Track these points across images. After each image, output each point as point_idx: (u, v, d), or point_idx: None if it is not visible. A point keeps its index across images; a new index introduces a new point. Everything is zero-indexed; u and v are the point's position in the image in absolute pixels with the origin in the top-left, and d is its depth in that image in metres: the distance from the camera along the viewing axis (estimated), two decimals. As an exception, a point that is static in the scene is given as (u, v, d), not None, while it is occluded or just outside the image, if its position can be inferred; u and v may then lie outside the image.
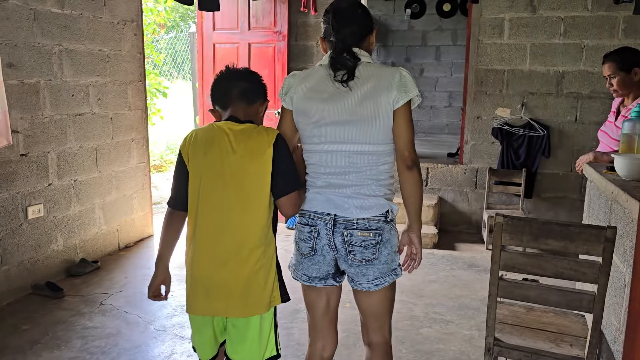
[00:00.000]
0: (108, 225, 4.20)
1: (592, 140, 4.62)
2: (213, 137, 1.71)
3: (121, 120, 4.29)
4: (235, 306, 1.71)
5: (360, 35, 1.75)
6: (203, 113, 5.62)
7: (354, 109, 1.70)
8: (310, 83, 1.76)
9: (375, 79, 1.70)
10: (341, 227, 1.73)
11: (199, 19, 5.45)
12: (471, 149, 4.94)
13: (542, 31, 4.60)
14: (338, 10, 1.74)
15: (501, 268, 1.95)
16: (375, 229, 1.72)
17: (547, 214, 4.81)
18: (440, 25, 8.05)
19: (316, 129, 1.75)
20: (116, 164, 4.26)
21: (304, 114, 1.76)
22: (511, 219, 1.88)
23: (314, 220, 1.76)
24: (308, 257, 1.79)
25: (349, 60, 1.70)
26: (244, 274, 1.70)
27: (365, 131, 1.70)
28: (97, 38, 3.96)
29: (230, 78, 1.81)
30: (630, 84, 2.80)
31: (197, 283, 1.74)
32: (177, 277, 3.82)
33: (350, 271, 1.78)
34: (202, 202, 1.70)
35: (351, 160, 1.73)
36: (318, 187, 1.78)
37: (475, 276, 3.92)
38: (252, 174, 1.68)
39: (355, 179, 1.73)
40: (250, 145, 1.69)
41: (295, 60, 5.23)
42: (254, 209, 1.70)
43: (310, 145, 1.79)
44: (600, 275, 1.80)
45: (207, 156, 1.70)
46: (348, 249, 1.74)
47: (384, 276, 1.76)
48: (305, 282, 1.84)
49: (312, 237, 1.76)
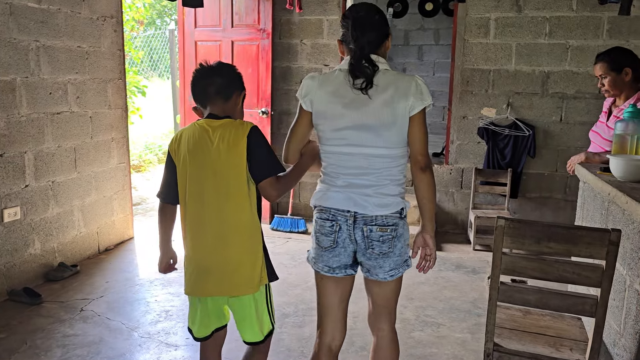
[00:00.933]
0: (87, 227, 4.06)
1: (576, 141, 4.65)
2: (195, 135, 1.87)
3: (101, 119, 4.15)
4: (226, 286, 1.88)
5: (377, 42, 1.85)
6: (184, 112, 5.49)
7: (373, 115, 1.81)
8: (331, 87, 1.85)
9: (393, 87, 1.80)
10: (361, 223, 1.86)
11: (180, 16, 5.33)
12: (457, 148, 4.93)
13: (528, 31, 4.61)
14: (357, 18, 1.82)
15: (502, 272, 1.90)
16: (392, 225, 1.86)
17: (533, 214, 4.82)
18: (423, 24, 8.04)
19: (336, 132, 1.85)
20: (96, 165, 4.12)
21: (324, 117, 1.86)
22: (513, 222, 1.83)
23: (335, 216, 1.88)
24: (329, 250, 1.92)
25: (367, 69, 1.79)
26: (232, 257, 1.87)
27: (383, 136, 1.82)
28: (76, 34, 3.82)
29: (205, 76, 1.92)
30: (621, 84, 2.80)
31: (193, 268, 1.91)
32: (160, 280, 3.73)
33: (368, 263, 1.91)
34: (189, 193, 1.88)
35: (370, 162, 1.85)
36: (338, 187, 1.89)
37: (463, 277, 3.89)
38: (230, 164, 1.83)
39: (375, 179, 1.86)
40: (227, 138, 1.83)
41: (280, 59, 5.15)
42: (235, 196, 1.85)
43: (330, 146, 1.89)
44: (603, 279, 1.77)
45: (191, 152, 1.86)
46: (367, 243, 1.87)
47: (398, 267, 1.92)
48: (327, 273, 1.95)
49: (334, 231, 1.89)
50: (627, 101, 2.77)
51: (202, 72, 1.92)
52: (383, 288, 1.97)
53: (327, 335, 2.01)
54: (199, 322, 1.97)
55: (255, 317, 1.93)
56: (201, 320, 1.97)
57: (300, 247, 4.47)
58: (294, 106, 5.18)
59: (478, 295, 3.56)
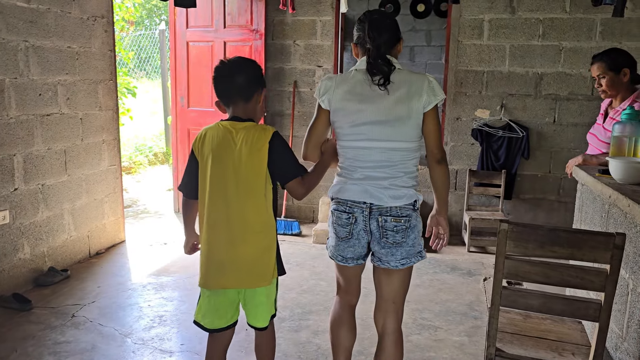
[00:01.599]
0: (78, 231, 3.99)
1: (570, 142, 4.66)
2: (219, 135, 1.95)
3: (91, 121, 4.08)
4: (244, 280, 1.98)
5: (391, 43, 1.98)
6: (176, 113, 5.42)
7: (389, 111, 1.92)
8: (348, 86, 1.97)
9: (407, 84, 1.93)
10: (376, 214, 1.96)
11: (172, 16, 5.27)
12: (451, 150, 4.91)
13: (521, 32, 4.61)
14: (373, 20, 1.96)
15: (505, 276, 1.88)
16: (405, 216, 1.96)
17: (527, 215, 4.82)
18: (415, 25, 8.02)
19: (354, 128, 1.96)
20: (86, 167, 4.05)
21: (342, 114, 1.98)
22: (516, 226, 1.81)
23: (352, 208, 1.98)
24: (345, 240, 2.02)
25: (384, 66, 1.92)
26: (249, 253, 1.96)
27: (399, 130, 1.93)
28: (66, 34, 3.75)
29: (225, 74, 1.97)
30: (619, 85, 2.79)
31: (210, 262, 1.98)
32: (153, 285, 3.67)
33: (381, 252, 2.00)
34: (210, 191, 1.95)
35: (387, 155, 1.95)
36: (355, 179, 1.99)
37: (459, 279, 3.87)
38: (251, 166, 1.92)
39: (391, 172, 1.96)
40: (250, 142, 1.91)
41: (273, 60, 5.11)
42: (254, 196, 1.94)
43: (348, 142, 1.99)
44: (607, 283, 1.75)
45: (214, 152, 1.94)
46: (382, 233, 1.97)
47: (410, 257, 2.00)
48: (340, 262, 2.08)
49: (350, 223, 1.99)
50: (624, 102, 2.77)
51: (222, 71, 1.98)
52: (392, 278, 2.03)
53: (345, 298, 2.18)
54: (212, 314, 2.05)
55: (266, 307, 2.05)
56: (214, 311, 2.04)
57: (294, 249, 4.43)
58: (287, 107, 5.14)
59: (474, 298, 3.54)
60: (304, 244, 4.56)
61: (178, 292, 3.55)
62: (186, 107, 5.35)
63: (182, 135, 5.42)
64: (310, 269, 3.99)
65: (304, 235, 4.81)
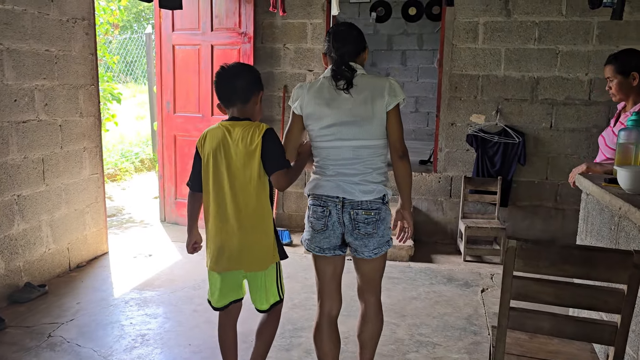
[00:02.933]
0: (57, 244, 3.80)
1: (567, 148, 4.55)
2: (219, 134, 2.16)
3: (71, 128, 3.90)
4: (242, 263, 2.20)
5: (355, 52, 2.17)
6: (162, 119, 5.25)
7: (354, 112, 2.10)
8: (316, 92, 2.15)
9: (370, 86, 2.11)
10: (349, 207, 2.13)
11: (157, 19, 5.10)
12: (445, 156, 4.78)
13: (517, 36, 4.50)
14: (337, 32, 2.18)
15: (513, 297, 1.74)
16: (375, 209, 2.14)
17: (523, 223, 4.70)
18: (406, 29, 7.93)
19: (324, 129, 2.14)
20: (66, 176, 3.86)
21: (312, 118, 2.15)
22: (526, 243, 1.66)
23: (326, 202, 2.16)
24: (320, 232, 2.18)
25: (347, 72, 2.11)
26: (248, 240, 2.17)
27: (365, 129, 2.11)
28: (44, 37, 3.57)
29: (225, 79, 2.17)
30: (628, 89, 2.67)
31: (214, 247, 2.21)
32: (136, 300, 3.48)
33: (355, 243, 2.19)
34: (212, 184, 2.17)
35: (356, 153, 2.13)
36: (328, 176, 2.16)
37: (456, 291, 3.73)
38: (246, 160, 2.12)
39: (360, 168, 2.13)
40: (245, 138, 2.12)
41: (262, 64, 4.95)
42: (250, 187, 2.14)
43: (320, 142, 2.17)
44: (625, 304, 1.61)
45: (214, 149, 2.16)
46: (354, 225, 2.14)
47: (381, 247, 2.20)
48: (318, 253, 2.24)
49: (325, 216, 2.16)
50: (635, 107, 2.64)
51: (223, 76, 2.18)
52: (369, 265, 2.25)
53: (325, 305, 2.31)
54: (220, 293, 2.28)
55: (264, 290, 2.26)
56: (220, 292, 2.27)
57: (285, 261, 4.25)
58: (277, 113, 4.99)
59: (472, 311, 3.40)
60: (295, 254, 4.40)
61: (162, 307, 3.37)
62: (172, 112, 5.17)
63: (168, 141, 5.25)
64: (302, 281, 3.83)
65: (295, 244, 4.65)
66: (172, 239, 4.85)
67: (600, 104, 4.44)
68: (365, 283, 2.30)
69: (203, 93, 4.98)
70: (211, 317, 3.23)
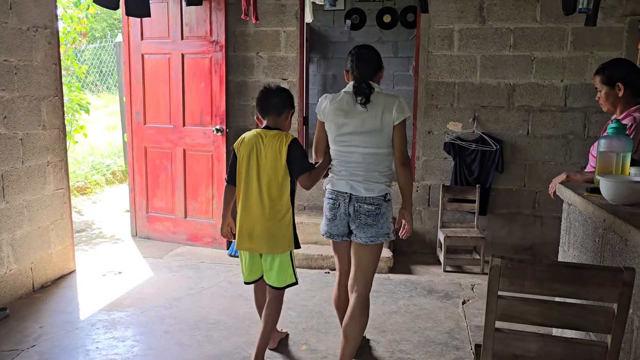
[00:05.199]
0: (19, 263, 3.60)
1: (544, 154, 4.52)
2: (253, 139, 2.66)
3: (34, 142, 3.71)
4: (265, 247, 2.65)
5: (374, 72, 2.57)
6: (132, 130, 5.07)
7: (366, 124, 2.49)
8: (338, 104, 2.55)
9: (382, 103, 2.49)
10: (354, 201, 2.53)
11: (125, 27, 4.94)
12: (423, 165, 4.71)
13: (492, 42, 4.47)
14: (360, 54, 2.56)
15: (498, 318, 1.64)
16: (376, 205, 2.52)
17: (502, 231, 4.66)
18: (381, 37, 7.87)
19: (339, 137, 2.56)
20: (28, 192, 3.67)
21: (332, 125, 2.57)
22: (511, 262, 1.58)
23: (337, 196, 2.58)
24: (331, 221, 2.62)
25: (366, 89, 2.49)
26: (270, 227, 2.62)
27: (373, 139, 2.50)
28: (2, 46, 3.39)
29: (268, 96, 2.70)
30: (614, 99, 2.64)
31: (243, 232, 2.66)
32: (103, 323, 3.27)
33: (356, 230, 2.56)
34: (244, 180, 2.65)
35: (364, 158, 2.52)
36: (341, 176, 2.58)
37: (437, 304, 3.64)
38: (274, 163, 2.60)
39: (367, 170, 2.53)
40: (274, 145, 2.60)
41: (235, 72, 4.83)
42: (275, 185, 2.61)
43: (336, 147, 2.59)
44: (615, 324, 1.53)
45: (249, 151, 2.64)
46: (357, 215, 2.53)
47: (378, 236, 2.55)
48: (329, 238, 2.69)
49: (335, 207, 2.59)
50: (621, 116, 2.60)
51: (266, 94, 2.70)
52: (363, 250, 2.58)
53: (340, 276, 2.78)
54: (247, 271, 2.77)
55: (276, 271, 2.69)
56: (249, 268, 2.76)
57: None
58: (250, 123, 4.86)
59: (454, 325, 3.31)
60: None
61: (132, 329, 3.20)
62: (142, 123, 5.00)
63: (138, 153, 5.07)
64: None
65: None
66: (144, 254, 4.67)
67: (576, 110, 4.43)
68: (358, 270, 2.60)
69: (174, 103, 4.83)
70: (182, 338, 3.08)
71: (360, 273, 2.59)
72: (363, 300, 2.57)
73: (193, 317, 3.36)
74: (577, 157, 4.48)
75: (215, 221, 4.80)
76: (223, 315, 3.40)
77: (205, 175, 4.80)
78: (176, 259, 4.56)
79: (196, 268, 4.32)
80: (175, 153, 4.90)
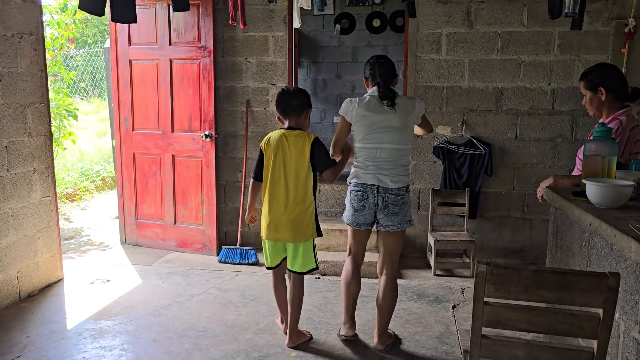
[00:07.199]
0: (5, 273, 3.55)
1: (532, 157, 4.54)
2: (277, 139, 2.93)
3: (19, 149, 3.67)
4: (289, 236, 2.93)
5: (391, 78, 2.92)
6: (120, 136, 5.04)
7: (392, 123, 2.85)
8: (366, 106, 2.88)
9: (405, 105, 2.90)
10: (382, 192, 2.86)
11: (113, 33, 4.91)
12: (412, 169, 4.71)
13: (480, 47, 4.48)
14: (380, 63, 2.91)
15: (485, 324, 1.64)
16: (401, 195, 2.87)
17: (492, 235, 4.66)
18: (371, 41, 7.88)
19: (369, 134, 2.88)
20: (14, 201, 3.63)
21: (362, 124, 2.88)
22: (497, 268, 1.57)
23: (365, 189, 2.89)
24: (359, 211, 2.92)
25: (390, 93, 2.87)
26: (294, 219, 2.91)
27: (398, 136, 2.86)
28: (-14, 53, 3.36)
29: (286, 98, 2.95)
30: (598, 103, 2.66)
31: (269, 222, 2.94)
32: (90, 332, 3.20)
33: (384, 219, 2.89)
34: (271, 176, 2.93)
35: (390, 153, 2.86)
36: (369, 170, 2.88)
37: (427, 308, 3.64)
38: (297, 160, 2.89)
39: (391, 164, 2.87)
40: (298, 144, 2.89)
41: (223, 78, 4.81)
42: (299, 180, 2.90)
43: (365, 144, 2.90)
44: (601, 329, 1.53)
45: (274, 150, 2.92)
46: (385, 205, 2.86)
47: (403, 223, 2.91)
48: (355, 227, 2.98)
49: (363, 199, 2.89)
50: (607, 119, 2.62)
51: (285, 95, 2.96)
52: (391, 237, 2.94)
53: (355, 258, 3.07)
54: (270, 257, 3.05)
55: (301, 257, 2.97)
56: (272, 255, 3.04)
57: (251, 281, 4.11)
58: (240, 128, 4.84)
59: (444, 329, 3.31)
60: (261, 274, 4.25)
61: (119, 338, 3.16)
62: (131, 129, 4.97)
63: (127, 159, 5.04)
64: (267, 302, 3.67)
65: (261, 264, 4.50)
66: (133, 261, 4.63)
67: (564, 113, 4.45)
68: (386, 255, 2.96)
69: (163, 109, 4.80)
70: (171, 347, 3.05)
71: (388, 257, 2.96)
72: (393, 280, 2.96)
73: (182, 325, 3.33)
74: (565, 160, 4.50)
75: (205, 227, 4.78)
76: (212, 323, 3.37)
77: (195, 181, 4.78)
78: (165, 265, 4.53)
79: (186, 275, 4.29)
80: (164, 159, 4.87)
